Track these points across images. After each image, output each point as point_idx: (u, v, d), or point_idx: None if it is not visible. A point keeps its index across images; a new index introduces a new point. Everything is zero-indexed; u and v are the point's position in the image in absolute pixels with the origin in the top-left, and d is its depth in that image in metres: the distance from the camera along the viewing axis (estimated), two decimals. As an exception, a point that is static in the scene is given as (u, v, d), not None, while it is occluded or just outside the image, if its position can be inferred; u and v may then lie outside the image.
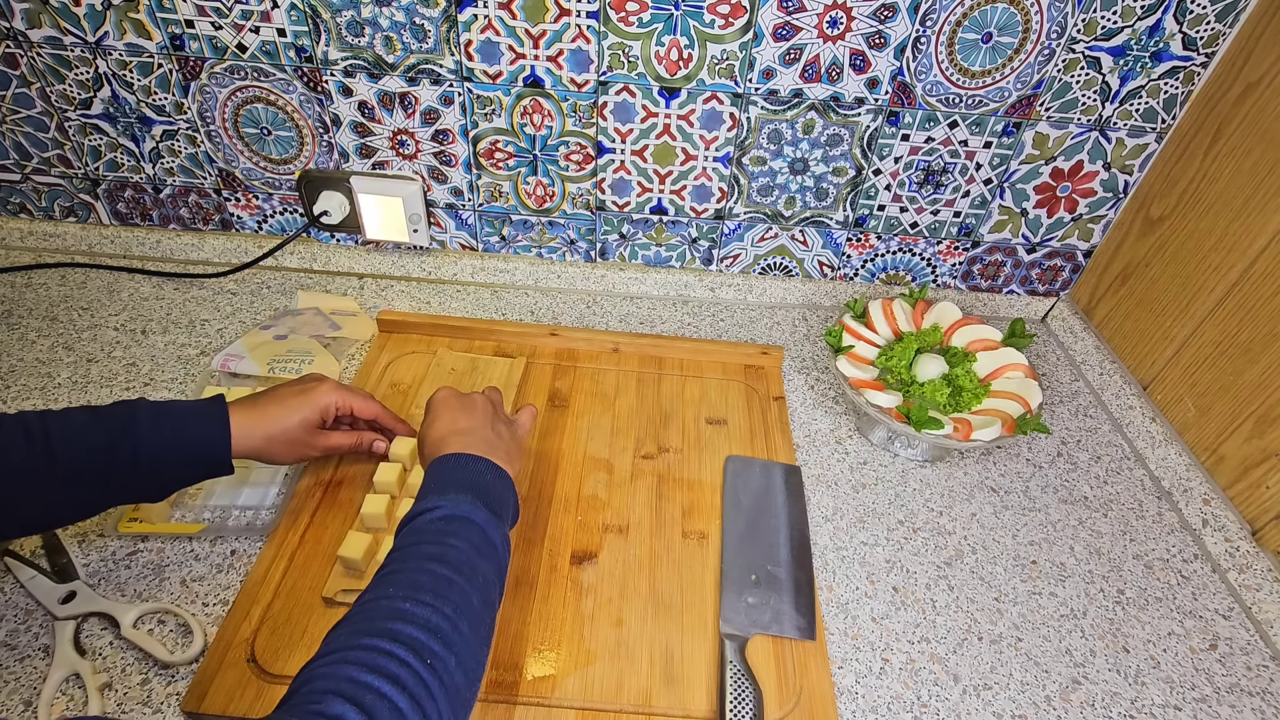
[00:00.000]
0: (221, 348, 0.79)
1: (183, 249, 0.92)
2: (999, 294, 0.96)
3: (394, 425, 0.66)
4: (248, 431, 0.54)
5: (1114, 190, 0.85)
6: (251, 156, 0.84)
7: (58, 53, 0.76)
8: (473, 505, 0.47)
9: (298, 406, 0.57)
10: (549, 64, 0.75)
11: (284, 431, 0.56)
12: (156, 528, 0.60)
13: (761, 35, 0.73)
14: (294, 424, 0.57)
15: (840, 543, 0.66)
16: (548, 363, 0.80)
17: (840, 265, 0.93)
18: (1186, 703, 0.57)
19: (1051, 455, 0.77)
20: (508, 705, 0.52)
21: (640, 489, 0.68)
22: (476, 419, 0.56)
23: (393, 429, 0.66)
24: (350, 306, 0.87)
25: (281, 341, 0.79)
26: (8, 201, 0.89)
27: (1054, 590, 0.64)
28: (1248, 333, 0.68)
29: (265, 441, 0.55)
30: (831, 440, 0.77)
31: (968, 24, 0.72)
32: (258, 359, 0.75)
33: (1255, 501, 0.66)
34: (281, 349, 0.77)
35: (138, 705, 0.50)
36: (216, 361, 0.75)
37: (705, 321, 0.92)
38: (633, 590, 0.60)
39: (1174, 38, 0.73)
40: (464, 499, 0.48)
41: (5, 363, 0.75)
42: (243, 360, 0.75)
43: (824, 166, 0.83)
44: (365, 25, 0.73)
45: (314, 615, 0.55)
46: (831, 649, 0.58)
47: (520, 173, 0.84)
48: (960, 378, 0.73)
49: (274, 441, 0.56)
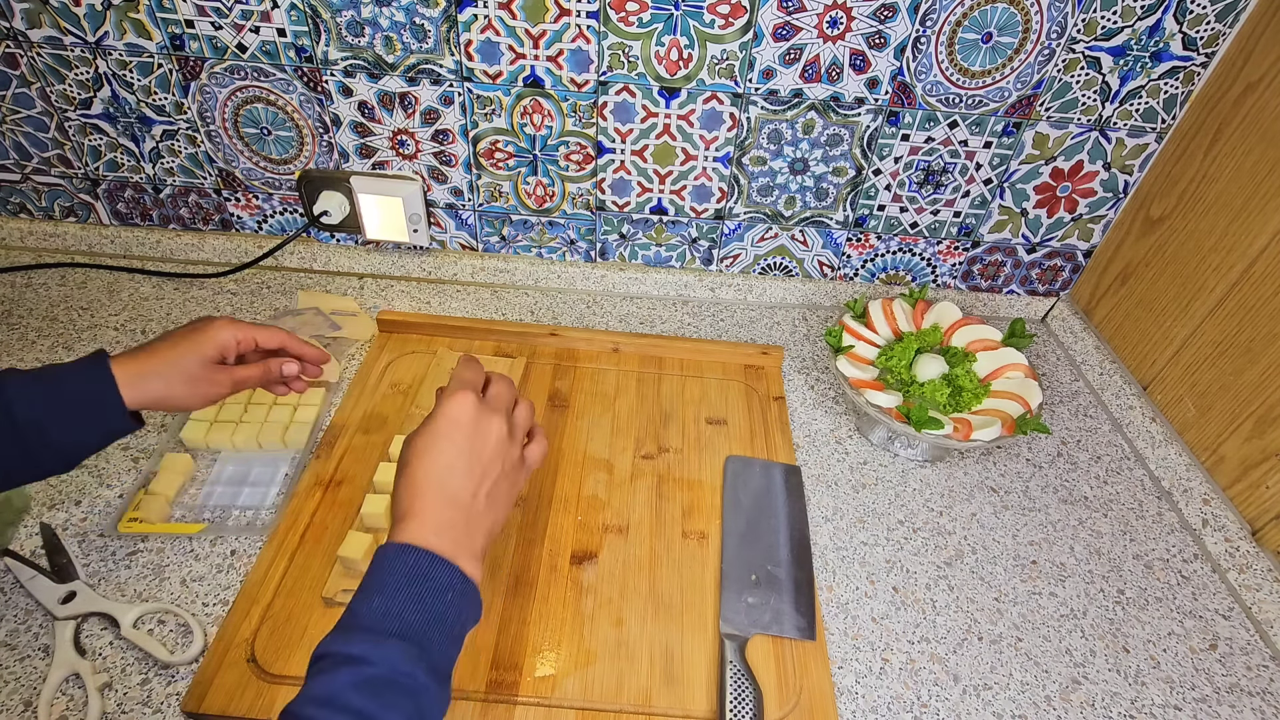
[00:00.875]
0: (221, 348, 0.79)
1: (183, 249, 0.92)
2: (999, 294, 0.96)
3: (302, 350, 0.61)
4: (139, 379, 0.51)
5: (1114, 190, 0.85)
6: (251, 156, 0.84)
7: (58, 53, 0.76)
8: (413, 666, 0.38)
9: (193, 345, 0.54)
10: (549, 64, 0.75)
11: (181, 372, 0.53)
12: (156, 528, 0.60)
13: (761, 35, 0.73)
14: (191, 363, 0.54)
15: (840, 543, 0.66)
16: (548, 363, 0.80)
17: (840, 265, 0.93)
18: (1186, 703, 0.57)
19: (1051, 455, 0.77)
20: (508, 705, 0.52)
21: (640, 489, 0.68)
22: (472, 478, 0.46)
23: (301, 354, 0.61)
24: (350, 306, 0.87)
25: None
26: (8, 201, 0.89)
27: (1054, 590, 0.64)
28: (1248, 333, 0.68)
29: (164, 385, 0.52)
30: (831, 440, 0.77)
31: (968, 24, 0.72)
32: None
33: (1255, 501, 0.66)
34: None
35: (138, 705, 0.50)
36: None
37: (705, 321, 0.92)
38: (633, 590, 0.60)
39: (1174, 38, 0.73)
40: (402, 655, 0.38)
41: (5, 363, 0.75)
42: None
43: (824, 166, 0.83)
44: (365, 25, 0.73)
45: (314, 615, 0.55)
46: (831, 649, 0.58)
47: (520, 173, 0.84)
48: (960, 378, 0.73)
49: (173, 384, 0.53)
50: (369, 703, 0.36)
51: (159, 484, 0.63)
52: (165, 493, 0.62)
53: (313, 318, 0.84)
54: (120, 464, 0.66)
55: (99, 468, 0.65)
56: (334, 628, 0.40)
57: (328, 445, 0.68)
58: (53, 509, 0.62)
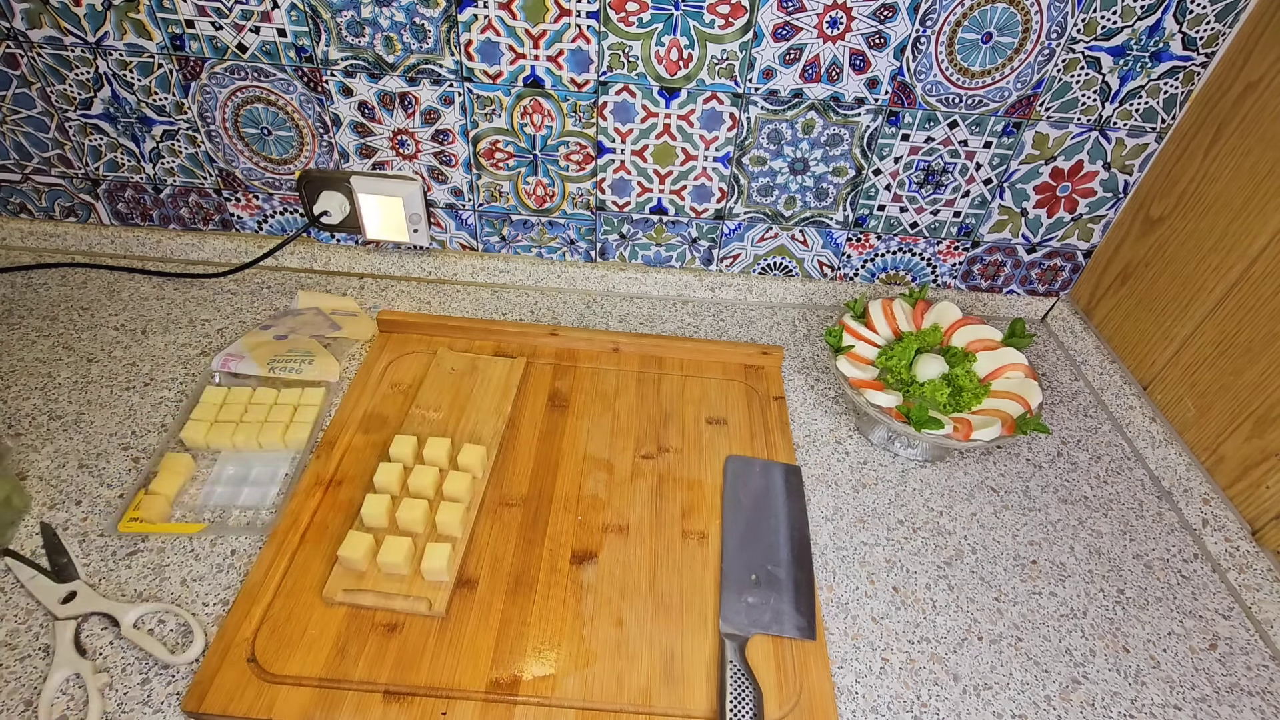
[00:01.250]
0: (222, 347, 0.79)
1: (183, 249, 0.92)
2: (999, 294, 0.96)
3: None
4: None
5: (1114, 190, 0.85)
6: (251, 156, 0.84)
7: (58, 53, 0.76)
8: None
9: None
10: (549, 64, 0.75)
11: None
12: (156, 528, 0.61)
13: (761, 35, 0.73)
14: None
15: (840, 543, 0.66)
16: (548, 363, 0.80)
17: (840, 265, 0.93)
18: (1186, 702, 0.57)
19: (1051, 455, 0.77)
20: (508, 705, 0.52)
21: (640, 489, 0.68)
22: None
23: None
24: (350, 306, 0.87)
25: (282, 341, 0.79)
26: (8, 201, 0.89)
27: (1054, 590, 0.64)
28: (1248, 333, 0.68)
29: None
30: (831, 440, 0.77)
31: (968, 24, 0.72)
32: (258, 359, 0.75)
33: (1255, 501, 0.66)
34: (282, 349, 0.77)
35: (138, 705, 0.50)
36: (217, 361, 0.75)
37: (705, 321, 0.92)
38: (633, 590, 0.60)
39: (1174, 38, 0.73)
40: None
41: (5, 363, 0.75)
42: (243, 360, 0.75)
43: (824, 166, 0.83)
44: (365, 25, 0.73)
45: (314, 615, 0.55)
46: (831, 649, 0.58)
47: (520, 173, 0.84)
48: (960, 378, 0.73)
49: None
50: None
51: (159, 484, 0.63)
52: (166, 492, 0.62)
53: (313, 318, 0.84)
54: (121, 464, 0.66)
55: (99, 468, 0.66)
56: None
57: (328, 445, 0.69)
58: (53, 509, 0.62)
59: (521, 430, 0.72)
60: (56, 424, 0.69)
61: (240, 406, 0.70)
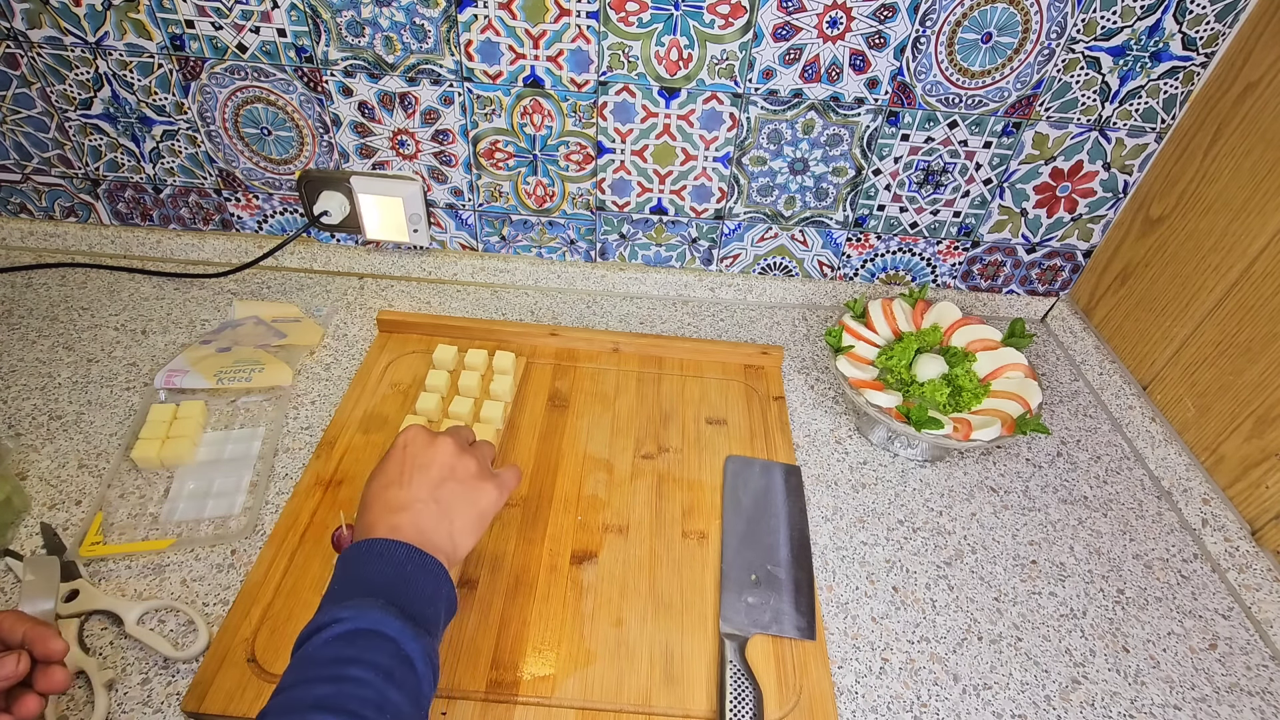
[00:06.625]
0: (222, 348, 0.79)
1: (183, 249, 0.92)
2: (999, 294, 0.96)
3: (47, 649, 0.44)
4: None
5: (1114, 190, 0.85)
6: (251, 156, 0.84)
7: (58, 53, 0.76)
8: (384, 614, 0.39)
9: None
10: (549, 64, 0.75)
11: None
12: (123, 547, 0.59)
13: (761, 35, 0.73)
14: None
15: (840, 543, 0.66)
16: (548, 363, 0.80)
17: (840, 265, 0.93)
18: (1186, 702, 0.57)
19: (1051, 455, 0.77)
20: (508, 705, 0.52)
21: (640, 489, 0.68)
22: (422, 485, 0.48)
23: (45, 654, 0.44)
24: (292, 312, 0.84)
25: (226, 354, 0.76)
26: (8, 201, 0.89)
27: (1054, 590, 0.64)
28: (1247, 333, 0.68)
29: None
30: (831, 440, 0.77)
31: (967, 24, 0.72)
32: (203, 372, 0.73)
33: (1255, 501, 0.66)
34: (228, 361, 0.75)
35: (138, 705, 0.50)
36: (159, 379, 0.73)
37: (705, 321, 0.92)
38: (633, 590, 0.60)
39: (1174, 38, 0.73)
40: (372, 607, 0.40)
41: (6, 363, 0.75)
42: (187, 374, 0.73)
43: (824, 166, 0.83)
44: (365, 25, 0.73)
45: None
46: (831, 649, 0.58)
47: (520, 173, 0.84)
48: (960, 378, 0.73)
49: None
50: (345, 649, 0.38)
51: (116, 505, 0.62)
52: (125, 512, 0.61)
53: (254, 327, 0.81)
54: (121, 464, 0.66)
55: (99, 468, 0.66)
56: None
57: (328, 445, 0.69)
58: (53, 509, 0.62)
59: (521, 430, 0.72)
60: (56, 424, 0.69)
61: (192, 421, 0.68)
